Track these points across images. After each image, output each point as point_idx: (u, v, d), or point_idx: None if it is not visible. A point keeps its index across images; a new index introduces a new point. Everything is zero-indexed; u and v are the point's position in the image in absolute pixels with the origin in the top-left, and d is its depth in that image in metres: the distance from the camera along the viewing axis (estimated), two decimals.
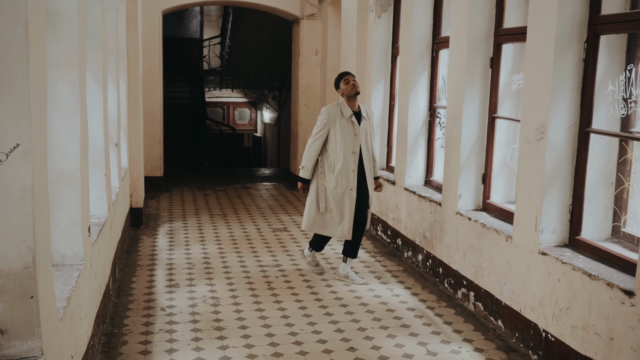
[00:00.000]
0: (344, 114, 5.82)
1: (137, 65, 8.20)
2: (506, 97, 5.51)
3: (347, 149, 5.82)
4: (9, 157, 2.48)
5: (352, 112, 5.84)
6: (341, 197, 5.87)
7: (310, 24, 11.45)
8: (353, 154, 5.82)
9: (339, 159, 5.83)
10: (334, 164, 5.87)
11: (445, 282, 5.93)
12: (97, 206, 5.03)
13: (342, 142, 5.81)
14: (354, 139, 5.83)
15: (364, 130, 5.89)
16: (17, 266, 2.55)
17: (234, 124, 24.37)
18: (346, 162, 5.83)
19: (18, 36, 2.46)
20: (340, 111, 5.84)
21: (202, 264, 6.65)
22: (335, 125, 5.83)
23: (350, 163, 5.83)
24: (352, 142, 5.83)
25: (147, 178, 10.30)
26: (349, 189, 5.84)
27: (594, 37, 4.19)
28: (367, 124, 5.95)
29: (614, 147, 4.25)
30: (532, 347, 4.50)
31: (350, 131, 5.83)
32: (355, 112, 5.89)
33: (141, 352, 4.47)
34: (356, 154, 5.83)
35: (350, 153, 5.83)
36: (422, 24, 6.75)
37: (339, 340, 4.74)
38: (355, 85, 5.82)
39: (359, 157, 5.87)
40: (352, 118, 5.83)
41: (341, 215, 5.89)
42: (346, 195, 5.86)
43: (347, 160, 5.83)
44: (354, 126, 5.83)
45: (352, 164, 5.84)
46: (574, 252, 4.29)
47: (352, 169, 5.84)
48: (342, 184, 5.85)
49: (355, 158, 5.84)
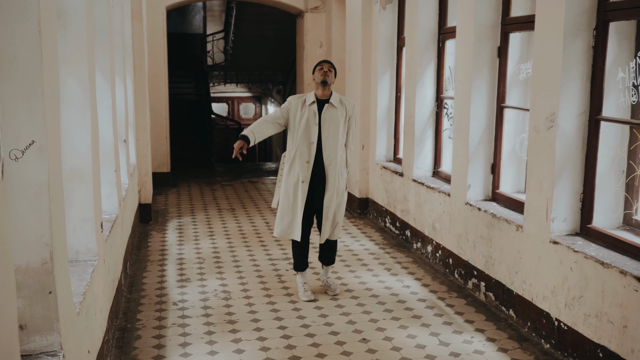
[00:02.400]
0: (306, 102, 5.35)
1: (143, 62, 8.21)
2: (514, 87, 5.49)
3: (305, 138, 5.31)
4: (24, 153, 2.49)
5: (314, 100, 5.33)
6: (293, 189, 5.34)
7: (314, 17, 11.43)
8: (311, 144, 5.29)
9: (296, 149, 5.34)
10: (291, 155, 5.39)
11: (456, 272, 5.93)
12: (108, 202, 5.06)
13: (301, 132, 5.31)
14: (313, 129, 5.29)
15: (329, 121, 5.32)
16: (35, 262, 2.57)
17: (239, 118, 24.36)
18: (302, 152, 5.31)
19: (31, 33, 2.47)
20: (305, 99, 5.39)
21: (212, 258, 6.68)
22: (296, 114, 5.35)
23: (305, 153, 5.30)
24: (311, 131, 5.30)
25: (155, 174, 10.33)
26: (301, 181, 5.30)
27: (603, 24, 4.17)
28: (337, 114, 5.35)
29: (624, 134, 4.24)
30: (545, 336, 4.50)
31: (311, 120, 5.30)
32: (322, 100, 5.36)
33: (155, 346, 4.49)
34: (313, 145, 5.29)
35: (307, 143, 5.30)
36: (427, 15, 6.73)
37: (351, 332, 4.76)
38: (325, 74, 5.32)
39: (318, 149, 5.32)
40: (313, 106, 5.32)
41: (293, 211, 5.36)
42: (298, 187, 5.33)
43: (303, 150, 5.31)
44: (315, 115, 5.30)
45: (307, 155, 5.29)
46: (585, 241, 4.29)
47: (306, 159, 5.30)
48: (294, 175, 5.34)
49: (312, 149, 5.29)
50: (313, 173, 5.35)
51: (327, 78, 5.33)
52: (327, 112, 5.33)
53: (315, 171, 5.35)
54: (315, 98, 5.37)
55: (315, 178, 5.36)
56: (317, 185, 5.37)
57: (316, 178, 5.36)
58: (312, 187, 5.37)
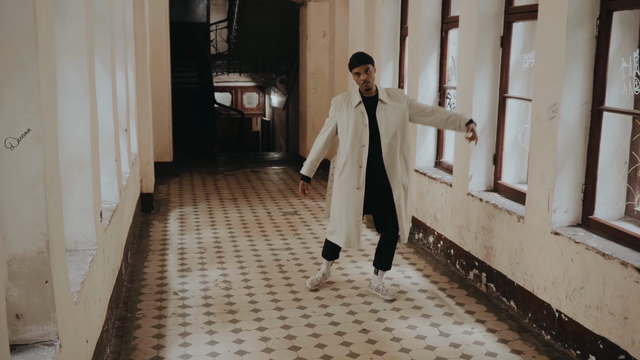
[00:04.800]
0: (352, 102, 5.00)
1: (145, 50, 8.18)
2: (517, 77, 5.45)
3: (355, 142, 4.97)
4: (20, 142, 2.48)
5: (360, 100, 4.98)
6: (347, 197, 5.02)
7: (317, 6, 11.36)
8: (362, 147, 4.95)
9: (347, 155, 4.99)
10: (342, 161, 5.05)
11: (457, 263, 5.92)
12: (108, 191, 5.04)
13: (351, 135, 4.96)
14: (364, 130, 4.95)
15: (384, 118, 4.95)
16: (31, 251, 2.56)
17: (242, 108, 24.35)
18: (353, 157, 4.97)
19: (26, 20, 2.44)
20: (350, 99, 5.04)
21: (213, 248, 6.67)
22: (342, 117, 5.02)
23: (356, 158, 4.97)
24: (361, 133, 4.96)
25: (157, 163, 10.32)
26: (356, 187, 4.99)
27: (607, 14, 4.12)
28: (390, 108, 4.96)
29: (627, 125, 4.20)
30: (545, 327, 4.49)
31: (360, 121, 4.96)
32: (368, 97, 5.00)
33: (155, 335, 4.50)
34: (365, 148, 4.94)
35: (358, 147, 4.96)
36: (430, 4, 6.68)
37: (351, 322, 4.75)
38: (365, 82, 4.92)
39: (375, 151, 4.96)
40: (360, 107, 4.98)
41: (347, 219, 5.05)
42: (352, 194, 5.01)
43: (354, 155, 4.97)
44: (363, 116, 4.96)
45: (360, 160, 4.96)
46: (587, 232, 4.27)
47: (359, 164, 4.97)
48: (348, 183, 5.01)
49: (364, 152, 4.95)
50: (369, 177, 5.01)
51: (369, 83, 4.95)
52: (380, 111, 4.97)
53: (374, 175, 5.01)
54: (360, 97, 5.01)
55: (372, 182, 5.03)
56: (375, 190, 5.04)
57: (372, 182, 5.03)
58: (369, 192, 5.04)
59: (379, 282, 5.32)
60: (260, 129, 26.37)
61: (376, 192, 5.05)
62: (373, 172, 5.01)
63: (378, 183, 5.02)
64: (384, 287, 5.29)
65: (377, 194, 5.05)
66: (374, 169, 5.00)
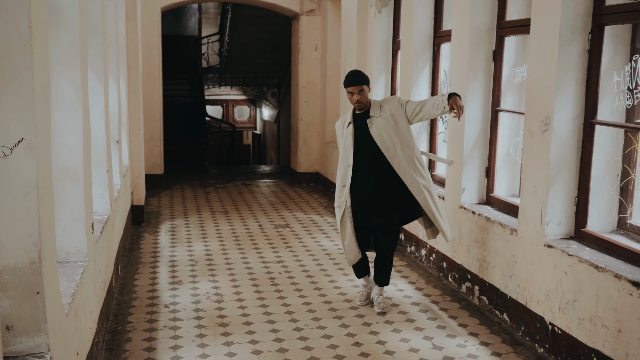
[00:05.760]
0: (345, 124, 5.07)
1: (137, 63, 8.17)
2: (509, 90, 5.48)
3: (343, 162, 5.06)
4: (13, 151, 2.46)
5: (350, 121, 5.03)
6: (340, 217, 5.08)
7: (309, 19, 11.41)
8: (348, 167, 5.00)
9: (339, 175, 5.12)
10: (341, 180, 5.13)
11: (450, 276, 5.91)
12: (99, 203, 5.01)
13: (343, 155, 5.08)
14: (350, 150, 4.99)
15: (377, 132, 4.91)
16: (23, 262, 2.53)
17: (233, 121, 24.36)
18: (339, 177, 5.08)
19: (21, 29, 2.43)
20: (345, 121, 5.10)
21: (204, 260, 6.63)
22: (340, 139, 5.14)
23: (341, 178, 5.05)
24: (348, 153, 5.01)
25: (148, 176, 10.27)
26: (344, 206, 5.03)
27: (599, 28, 4.16)
28: (381, 122, 4.92)
29: (619, 138, 4.22)
30: (539, 340, 4.48)
31: (349, 141, 5.02)
32: (361, 114, 5.02)
33: (145, 348, 4.45)
34: (350, 167, 4.98)
35: (344, 167, 5.03)
36: (423, 18, 6.72)
37: (344, 335, 4.72)
38: (359, 101, 4.93)
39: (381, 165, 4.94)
40: (350, 127, 5.02)
41: (344, 237, 5.11)
42: (345, 214, 5.04)
43: (340, 175, 5.08)
44: (351, 136, 5.00)
45: (344, 179, 5.03)
46: (580, 245, 4.27)
47: (343, 184, 5.03)
48: (339, 203, 5.09)
49: (349, 172, 4.98)
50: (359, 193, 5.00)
51: (361, 104, 4.96)
52: (372, 126, 4.94)
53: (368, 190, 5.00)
54: (351, 117, 5.05)
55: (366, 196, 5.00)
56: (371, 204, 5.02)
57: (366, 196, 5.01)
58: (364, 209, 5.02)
59: (376, 293, 5.31)
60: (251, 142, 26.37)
61: (372, 206, 5.02)
62: (364, 187, 4.99)
63: (373, 197, 5.00)
64: (379, 298, 5.27)
65: (373, 208, 5.03)
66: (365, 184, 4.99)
